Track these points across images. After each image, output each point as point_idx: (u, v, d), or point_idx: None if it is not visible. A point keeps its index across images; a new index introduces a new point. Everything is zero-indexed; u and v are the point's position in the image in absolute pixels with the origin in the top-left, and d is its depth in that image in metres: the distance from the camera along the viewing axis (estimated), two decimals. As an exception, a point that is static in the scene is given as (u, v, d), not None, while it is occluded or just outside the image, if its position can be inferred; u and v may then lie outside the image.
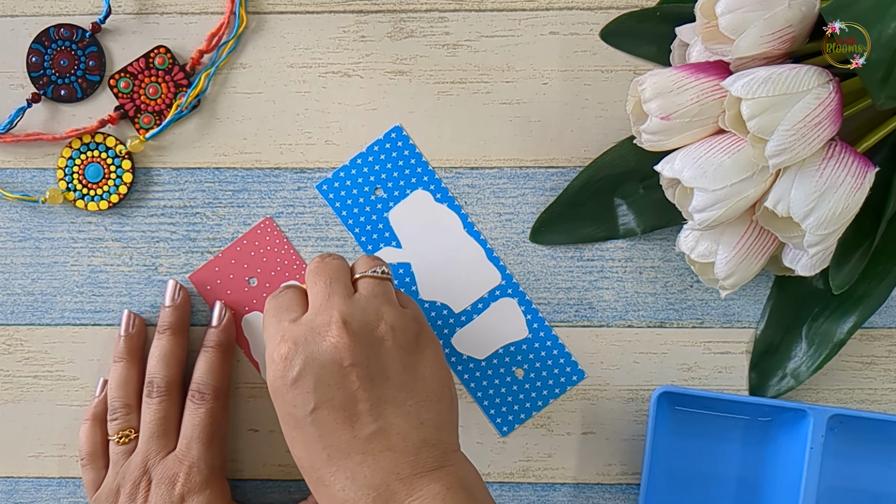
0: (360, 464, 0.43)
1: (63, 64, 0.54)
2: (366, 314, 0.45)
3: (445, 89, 0.54)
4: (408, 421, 0.44)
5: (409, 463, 0.43)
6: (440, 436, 0.45)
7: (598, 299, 0.55)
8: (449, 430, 0.46)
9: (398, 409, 0.44)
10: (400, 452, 0.44)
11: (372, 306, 0.46)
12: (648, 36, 0.53)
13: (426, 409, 0.45)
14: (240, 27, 0.54)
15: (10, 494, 0.56)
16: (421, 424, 0.44)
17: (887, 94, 0.43)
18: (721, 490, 0.54)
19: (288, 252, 0.55)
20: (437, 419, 0.45)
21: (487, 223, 0.55)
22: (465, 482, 0.44)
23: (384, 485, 0.43)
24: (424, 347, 0.46)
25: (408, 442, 0.44)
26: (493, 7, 0.54)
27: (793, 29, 0.44)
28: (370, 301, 0.46)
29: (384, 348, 0.45)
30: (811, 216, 0.44)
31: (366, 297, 0.46)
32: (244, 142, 0.55)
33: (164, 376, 0.52)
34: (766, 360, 0.54)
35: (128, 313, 0.54)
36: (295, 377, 0.44)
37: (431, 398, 0.45)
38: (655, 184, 0.50)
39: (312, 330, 0.45)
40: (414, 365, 0.46)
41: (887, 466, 0.54)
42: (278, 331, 0.46)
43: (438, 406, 0.46)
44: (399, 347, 0.45)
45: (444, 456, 0.44)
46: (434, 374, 0.46)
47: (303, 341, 0.45)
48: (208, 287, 0.54)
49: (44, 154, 0.55)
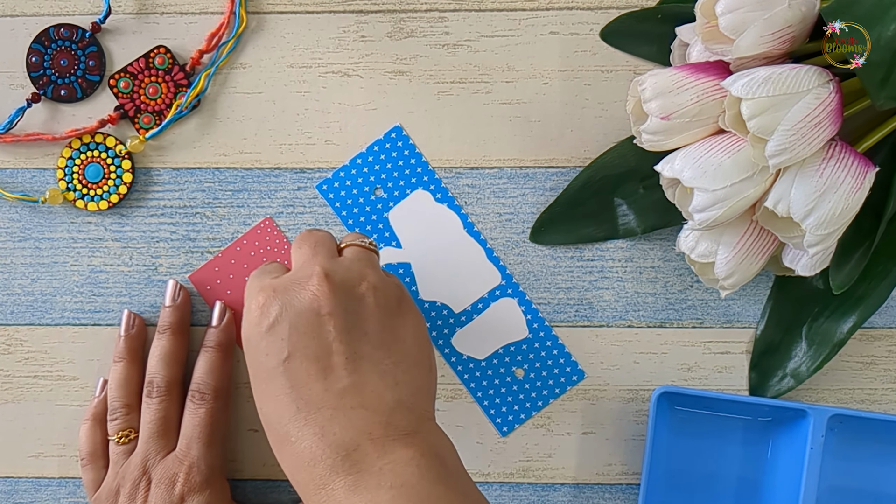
0: (331, 419, 0.41)
1: (63, 64, 0.54)
2: (349, 272, 0.44)
3: (445, 89, 0.54)
4: (383, 379, 0.43)
5: (381, 423, 0.41)
6: (415, 400, 0.43)
7: (598, 299, 0.55)
8: (425, 397, 0.44)
9: (374, 366, 0.43)
10: (373, 411, 0.42)
11: (356, 267, 0.45)
12: (648, 36, 0.53)
13: (403, 370, 0.43)
14: (240, 27, 0.54)
15: (9, 494, 0.56)
16: (396, 385, 0.43)
17: (887, 94, 0.43)
18: (721, 490, 0.54)
19: (288, 252, 0.55)
20: (413, 382, 0.44)
21: (487, 223, 0.55)
22: (438, 450, 0.42)
23: (354, 444, 0.41)
24: (406, 312, 0.45)
25: (382, 401, 0.42)
26: (493, 7, 0.54)
27: (793, 29, 0.44)
28: (354, 262, 0.45)
29: (364, 304, 0.44)
30: (811, 216, 0.44)
31: (350, 260, 0.45)
32: (244, 142, 0.55)
33: (164, 376, 0.52)
34: (766, 360, 0.54)
35: (128, 313, 0.54)
36: (270, 324, 0.43)
37: (409, 361, 0.44)
38: (655, 184, 0.50)
39: (293, 281, 0.44)
40: (394, 326, 0.44)
41: (887, 466, 0.54)
42: (257, 286, 0.44)
43: (416, 370, 0.44)
44: (379, 307, 0.44)
45: (418, 422, 0.43)
46: (414, 338, 0.45)
47: (282, 290, 0.43)
48: (208, 287, 0.54)
49: (44, 154, 0.55)
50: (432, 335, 0.55)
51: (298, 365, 0.42)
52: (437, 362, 0.55)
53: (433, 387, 0.45)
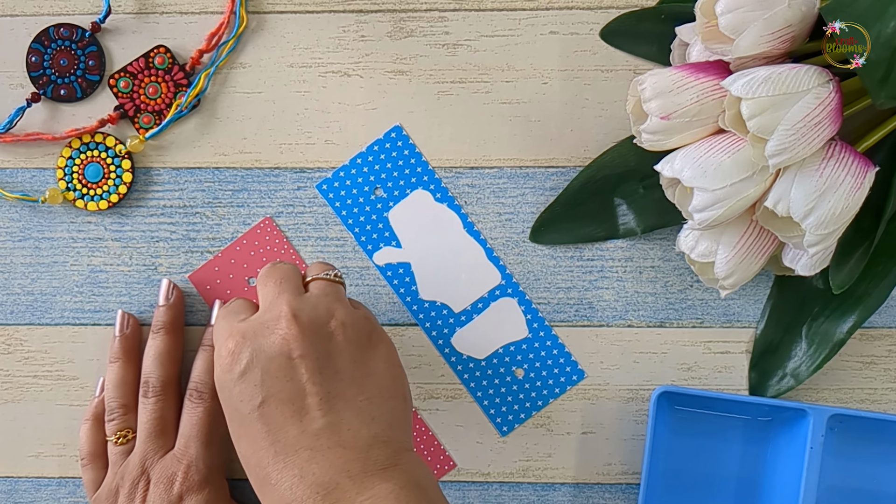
0: (309, 460, 0.42)
1: (63, 63, 0.54)
2: (316, 310, 0.45)
3: (445, 89, 0.54)
4: (358, 416, 0.43)
5: (359, 460, 0.42)
6: (392, 433, 0.44)
7: (598, 299, 0.55)
8: (401, 429, 0.45)
9: (348, 404, 0.43)
10: (350, 449, 0.42)
11: (323, 304, 0.45)
12: (648, 35, 0.53)
13: (378, 405, 0.44)
14: (240, 27, 0.54)
15: (9, 494, 0.56)
16: (372, 420, 0.43)
17: (887, 93, 0.43)
18: (721, 490, 0.54)
19: (287, 252, 0.55)
20: (389, 416, 0.44)
21: (487, 223, 0.55)
22: (418, 481, 0.42)
23: (333, 483, 0.41)
24: (377, 344, 0.46)
25: (358, 438, 0.43)
26: (493, 7, 0.54)
27: (793, 28, 0.44)
28: (321, 299, 0.45)
29: (334, 342, 0.44)
30: (811, 216, 0.44)
31: (317, 296, 0.46)
32: (244, 141, 0.55)
33: (159, 376, 0.52)
34: (766, 360, 0.54)
35: (122, 313, 0.54)
36: (242, 370, 0.43)
37: (383, 395, 0.44)
38: (655, 183, 0.50)
39: (262, 324, 0.44)
40: (365, 361, 0.45)
41: (887, 466, 0.54)
42: (226, 329, 0.45)
43: (391, 403, 0.44)
44: (350, 342, 0.44)
45: (396, 455, 0.43)
46: (386, 371, 0.45)
47: (251, 335, 0.44)
48: (208, 287, 0.54)
49: (43, 154, 0.55)
50: (432, 335, 0.55)
51: (273, 409, 0.43)
52: (438, 362, 0.55)
53: (409, 417, 0.46)
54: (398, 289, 0.55)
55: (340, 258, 0.55)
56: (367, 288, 0.55)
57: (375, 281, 0.55)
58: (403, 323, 0.55)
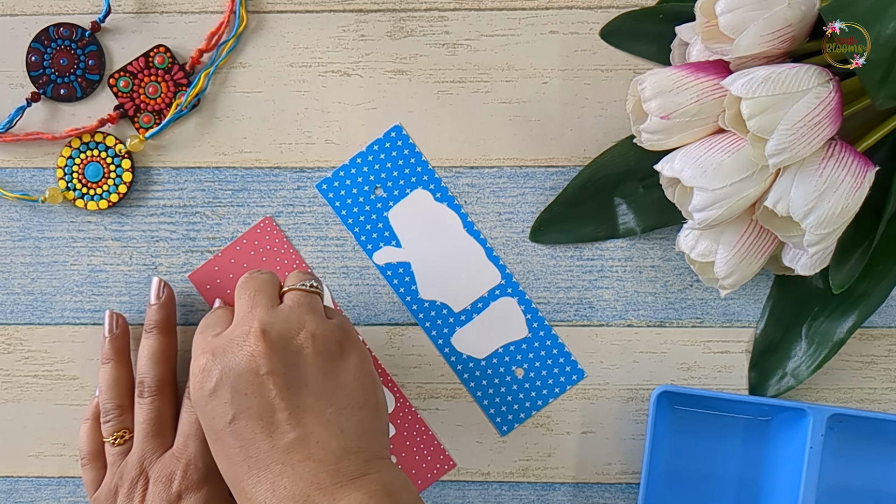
0: (280, 474, 0.43)
1: (62, 63, 0.54)
2: (287, 323, 0.45)
3: (445, 88, 0.54)
4: (327, 429, 0.44)
5: (329, 472, 0.43)
6: (362, 443, 0.44)
7: (597, 299, 0.55)
8: (373, 438, 0.45)
9: (317, 417, 0.44)
10: (319, 461, 0.43)
11: (294, 315, 0.46)
12: (648, 35, 0.53)
13: (347, 416, 0.45)
14: (239, 26, 0.54)
15: (9, 494, 0.56)
16: (342, 432, 0.44)
17: (886, 93, 0.43)
18: (721, 489, 0.54)
19: (287, 251, 0.55)
20: (358, 427, 0.45)
21: (487, 222, 0.55)
22: (389, 488, 0.43)
23: (304, 495, 0.42)
24: (348, 354, 0.46)
25: (327, 450, 0.43)
26: (493, 6, 0.54)
27: (792, 28, 0.44)
28: (293, 311, 0.46)
29: (303, 356, 0.45)
30: (811, 215, 0.44)
31: (289, 308, 0.46)
32: (244, 141, 0.55)
33: (153, 376, 0.52)
34: (766, 360, 0.54)
35: (110, 313, 0.53)
36: (213, 388, 0.44)
37: (353, 405, 0.45)
38: (655, 183, 0.50)
39: (231, 341, 0.45)
40: (335, 372, 0.45)
41: (887, 466, 0.54)
42: (200, 345, 0.46)
43: (361, 413, 0.45)
44: (319, 354, 0.45)
45: (366, 464, 0.44)
46: (357, 381, 0.46)
47: (220, 352, 0.45)
48: (208, 286, 0.54)
49: (43, 153, 0.55)
50: (432, 335, 0.55)
51: (244, 425, 0.44)
52: (437, 361, 0.55)
53: (382, 425, 0.46)
54: (398, 288, 0.55)
55: (340, 258, 0.55)
56: (367, 287, 0.55)
57: (375, 280, 0.55)
58: (403, 322, 0.55)
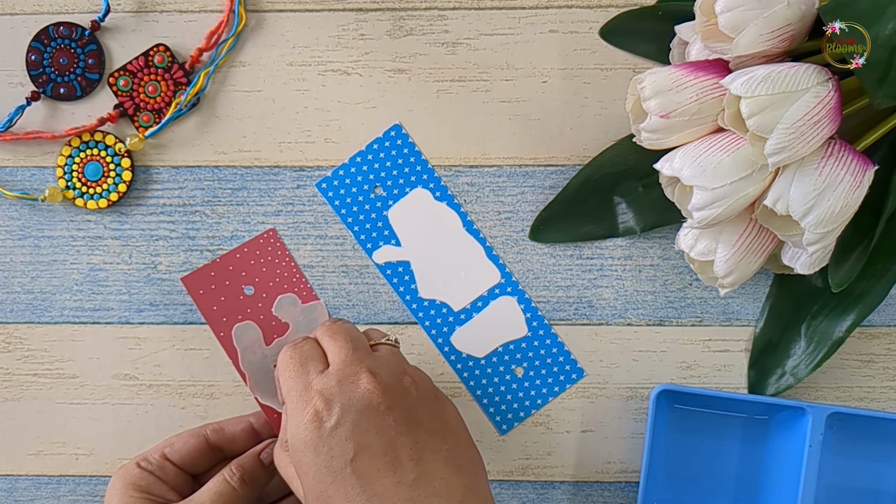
0: None
1: (62, 62, 0.54)
2: (390, 367, 0.45)
3: (445, 87, 0.54)
4: (447, 465, 0.43)
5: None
6: (478, 483, 0.44)
7: (597, 297, 0.55)
8: (484, 480, 0.45)
9: (435, 454, 0.44)
10: (445, 498, 0.42)
11: (394, 362, 0.46)
12: (648, 34, 0.53)
13: (460, 454, 0.45)
14: (239, 25, 0.54)
15: (9, 493, 0.56)
16: (460, 469, 0.44)
17: (885, 93, 0.43)
18: (720, 488, 0.54)
19: (289, 265, 0.54)
20: (471, 465, 0.45)
21: (487, 221, 0.55)
22: None
23: None
24: (443, 399, 0.47)
25: (451, 488, 0.43)
26: (493, 5, 0.54)
27: (792, 27, 0.44)
28: (391, 357, 0.46)
29: (411, 396, 0.45)
30: (810, 214, 0.44)
31: (385, 356, 0.46)
32: (243, 140, 0.55)
33: None
34: (765, 359, 0.54)
35: None
36: (333, 426, 0.43)
37: (461, 444, 0.45)
38: (655, 182, 0.50)
39: (344, 379, 0.44)
40: (441, 413, 0.46)
41: (886, 464, 0.54)
42: (304, 383, 0.44)
43: (469, 452, 0.45)
44: (424, 397, 0.45)
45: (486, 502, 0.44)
46: (458, 422, 0.46)
47: (336, 390, 0.44)
48: (201, 291, 0.53)
49: (43, 152, 0.55)
50: (432, 334, 0.55)
51: (367, 462, 0.42)
52: (437, 360, 0.55)
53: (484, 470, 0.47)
54: (398, 287, 0.55)
55: (340, 257, 0.55)
56: (367, 286, 0.55)
57: (375, 279, 0.55)
58: (403, 321, 0.55)
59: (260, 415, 0.51)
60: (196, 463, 0.49)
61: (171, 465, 0.48)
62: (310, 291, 0.54)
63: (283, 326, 0.54)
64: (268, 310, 0.54)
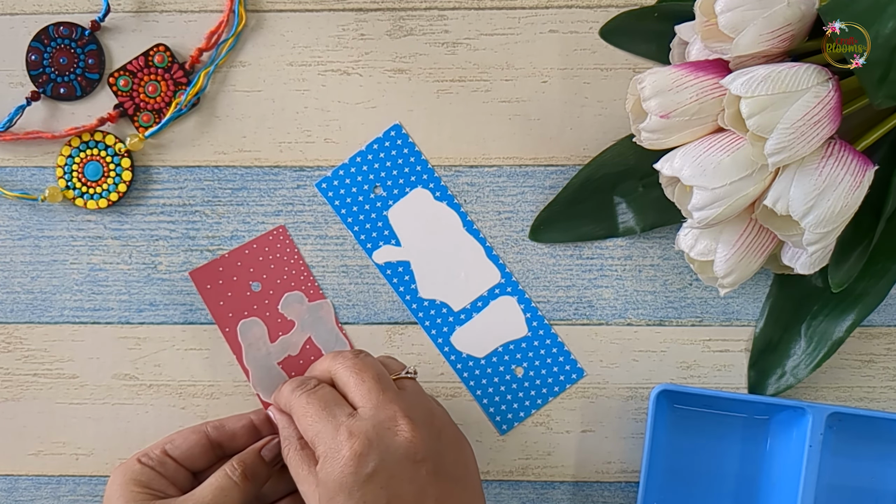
0: None
1: (62, 62, 0.54)
2: (422, 409, 0.46)
3: (445, 87, 0.54)
4: None
5: None
6: None
7: (597, 297, 0.55)
8: None
9: (457, 501, 0.45)
10: None
11: (422, 402, 0.47)
12: (648, 34, 0.53)
13: (474, 499, 0.46)
14: (239, 25, 0.54)
15: (9, 493, 0.56)
16: None
17: (885, 93, 0.43)
18: (720, 488, 0.54)
19: (297, 263, 0.54)
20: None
21: (487, 221, 0.55)
22: None
23: None
24: (463, 439, 0.47)
25: None
26: (493, 5, 0.54)
27: (792, 27, 0.44)
28: (419, 397, 0.47)
29: (442, 443, 0.46)
30: (810, 214, 0.44)
31: (412, 395, 0.47)
32: (243, 140, 0.55)
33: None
34: (765, 359, 0.54)
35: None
36: (370, 472, 0.43)
37: (476, 490, 0.46)
38: (655, 182, 0.50)
39: (380, 424, 0.44)
40: (463, 458, 0.46)
41: (886, 464, 0.54)
42: (336, 426, 0.44)
43: (480, 499, 0.46)
44: (451, 441, 0.46)
45: None
46: (475, 466, 0.47)
47: (375, 437, 0.44)
48: (208, 286, 0.54)
49: (43, 152, 0.55)
50: (432, 334, 0.55)
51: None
52: (437, 360, 0.55)
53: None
54: (398, 287, 0.55)
55: (340, 256, 0.55)
56: (367, 286, 0.55)
57: (375, 279, 0.55)
58: (403, 321, 0.55)
59: (261, 412, 0.50)
60: (196, 459, 0.49)
61: (171, 460, 0.48)
62: (317, 290, 0.55)
63: (288, 324, 0.54)
64: (274, 307, 0.54)
